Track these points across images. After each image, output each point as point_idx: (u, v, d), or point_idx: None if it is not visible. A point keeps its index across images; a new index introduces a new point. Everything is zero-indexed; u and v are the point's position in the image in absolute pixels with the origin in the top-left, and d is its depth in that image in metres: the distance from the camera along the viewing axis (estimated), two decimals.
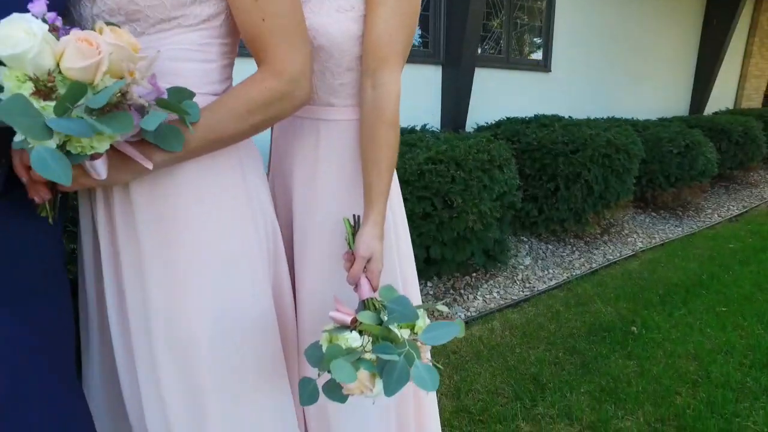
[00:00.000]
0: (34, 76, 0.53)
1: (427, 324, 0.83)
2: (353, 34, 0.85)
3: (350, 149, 0.92)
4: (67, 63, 0.53)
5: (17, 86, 0.52)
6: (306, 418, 1.09)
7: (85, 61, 0.53)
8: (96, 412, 0.90)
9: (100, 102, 0.53)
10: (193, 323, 0.81)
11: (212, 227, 0.80)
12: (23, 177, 0.65)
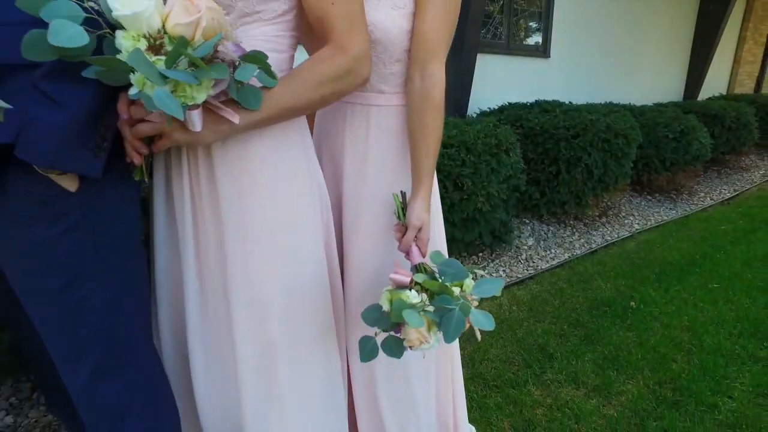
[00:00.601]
0: (147, 34, 0.62)
1: (473, 282, 0.96)
2: (404, 29, 0.95)
3: (397, 131, 1.03)
4: (174, 20, 0.63)
5: (133, 44, 0.61)
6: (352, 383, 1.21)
7: (189, 18, 0.63)
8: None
9: (203, 52, 0.62)
10: (265, 285, 0.92)
11: (282, 199, 0.90)
12: (126, 136, 0.75)
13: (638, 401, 1.61)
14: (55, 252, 0.75)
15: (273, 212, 0.90)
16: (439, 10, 0.92)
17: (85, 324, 0.80)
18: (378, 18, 0.93)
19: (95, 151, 0.72)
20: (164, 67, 0.60)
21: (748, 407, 1.59)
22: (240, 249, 0.90)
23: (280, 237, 0.92)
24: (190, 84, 0.62)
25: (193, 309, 0.96)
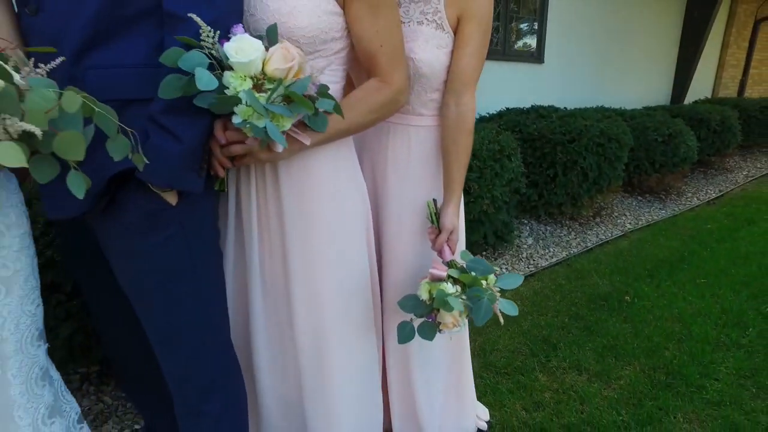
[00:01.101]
0: (252, 75, 0.77)
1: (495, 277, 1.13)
2: (445, 65, 1.12)
3: (434, 148, 1.20)
4: (273, 65, 0.78)
5: (240, 83, 0.76)
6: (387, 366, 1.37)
7: (286, 64, 0.79)
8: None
9: (301, 90, 0.78)
10: (320, 281, 1.08)
11: (336, 204, 1.06)
12: (217, 154, 0.90)
13: (635, 384, 1.79)
14: (158, 257, 0.90)
15: (328, 216, 1.06)
16: (473, 50, 1.10)
17: (180, 315, 0.95)
18: (425, 56, 1.09)
19: (199, 171, 0.87)
20: (265, 102, 0.75)
21: (731, 387, 1.78)
22: (300, 248, 1.06)
23: (334, 238, 1.08)
24: (284, 116, 0.78)
25: (257, 302, 1.12)
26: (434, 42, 1.11)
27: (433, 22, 1.11)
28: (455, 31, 1.13)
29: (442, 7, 1.11)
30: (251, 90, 0.74)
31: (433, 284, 1.13)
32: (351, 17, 0.95)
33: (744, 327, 2.19)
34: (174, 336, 0.95)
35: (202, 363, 1.00)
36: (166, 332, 0.95)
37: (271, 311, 1.13)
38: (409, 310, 1.15)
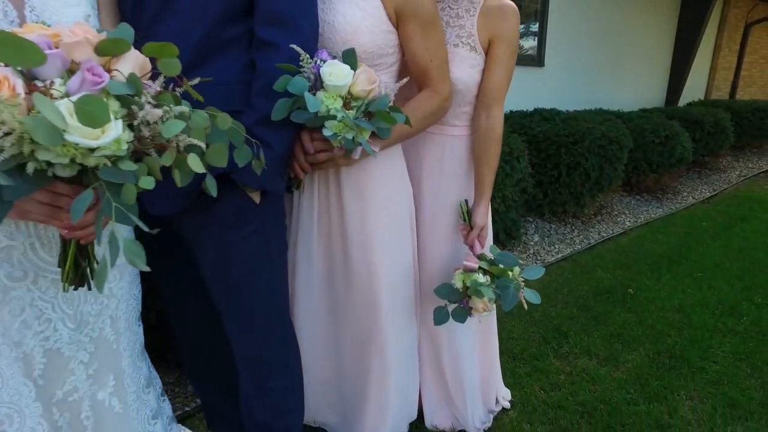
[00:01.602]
0: (342, 96, 0.93)
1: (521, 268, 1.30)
2: (477, 81, 1.27)
3: (465, 155, 1.35)
4: (359, 86, 0.93)
5: (332, 102, 0.91)
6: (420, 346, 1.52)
7: (370, 85, 0.94)
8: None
9: (383, 107, 0.93)
10: (376, 267, 1.23)
11: (389, 200, 1.22)
12: (301, 160, 1.04)
13: (641, 367, 1.96)
14: (244, 248, 1.05)
15: (383, 210, 1.22)
16: (503, 69, 1.26)
17: (257, 301, 1.10)
18: (461, 75, 1.25)
19: (283, 175, 1.02)
20: (353, 118, 0.91)
21: (728, 369, 1.95)
22: (358, 238, 1.21)
23: (387, 230, 1.23)
24: (366, 129, 0.93)
25: (319, 286, 1.27)
26: (468, 62, 1.27)
27: (467, 44, 1.27)
28: (486, 52, 1.28)
29: (474, 31, 1.27)
30: (342, 108, 0.89)
31: (466, 274, 1.29)
32: (405, 36, 1.10)
33: (739, 316, 2.37)
34: (250, 320, 1.10)
35: (271, 344, 1.15)
36: (244, 317, 1.10)
37: (327, 294, 1.29)
38: (444, 297, 1.31)
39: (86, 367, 0.94)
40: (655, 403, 1.74)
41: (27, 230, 0.80)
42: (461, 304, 1.31)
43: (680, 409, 1.71)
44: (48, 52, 0.55)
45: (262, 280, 1.09)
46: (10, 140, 0.52)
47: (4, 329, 0.80)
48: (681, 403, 1.75)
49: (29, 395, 0.84)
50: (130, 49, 0.63)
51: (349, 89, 0.92)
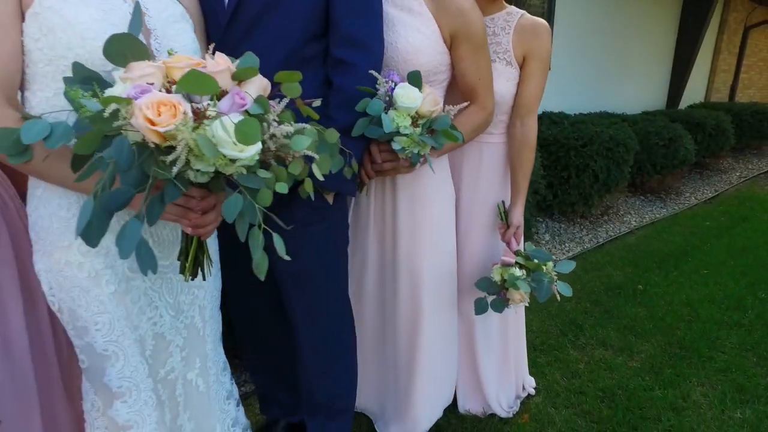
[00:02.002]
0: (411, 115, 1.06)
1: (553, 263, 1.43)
2: (512, 93, 1.41)
3: (501, 160, 1.49)
4: (426, 107, 1.06)
5: (402, 120, 1.04)
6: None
7: (436, 106, 1.07)
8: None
9: (445, 126, 1.06)
10: (422, 264, 1.36)
11: (437, 202, 1.35)
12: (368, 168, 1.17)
13: (654, 357, 2.09)
14: (318, 244, 1.18)
15: (430, 213, 1.35)
16: (536, 82, 1.40)
17: (326, 290, 1.23)
18: (498, 87, 1.38)
19: (355, 179, 1.15)
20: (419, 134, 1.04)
21: (736, 358, 2.08)
22: (407, 237, 1.34)
23: (433, 230, 1.37)
24: (429, 144, 1.06)
25: (371, 279, 1.41)
26: (504, 76, 1.40)
27: (504, 59, 1.40)
28: (521, 66, 1.42)
29: (510, 48, 1.40)
30: (410, 126, 1.02)
31: (504, 269, 1.43)
32: (457, 56, 1.23)
33: (744, 310, 2.51)
34: (318, 308, 1.23)
35: (335, 331, 1.28)
36: (312, 306, 1.23)
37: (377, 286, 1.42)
38: (483, 289, 1.45)
39: (180, 350, 1.07)
40: (669, 389, 1.88)
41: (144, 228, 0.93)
42: (499, 295, 1.45)
43: (692, 394, 1.85)
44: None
45: (329, 272, 1.22)
46: (183, 154, 0.65)
47: (128, 314, 0.93)
48: (693, 389, 1.88)
49: (144, 372, 0.97)
50: (257, 74, 0.75)
51: (416, 110, 1.05)
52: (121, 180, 0.66)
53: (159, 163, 0.66)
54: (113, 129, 0.65)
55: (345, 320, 1.31)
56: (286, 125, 0.74)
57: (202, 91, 0.65)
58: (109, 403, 0.96)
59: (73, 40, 0.78)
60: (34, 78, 0.81)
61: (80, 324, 0.90)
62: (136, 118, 0.64)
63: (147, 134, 0.64)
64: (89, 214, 0.64)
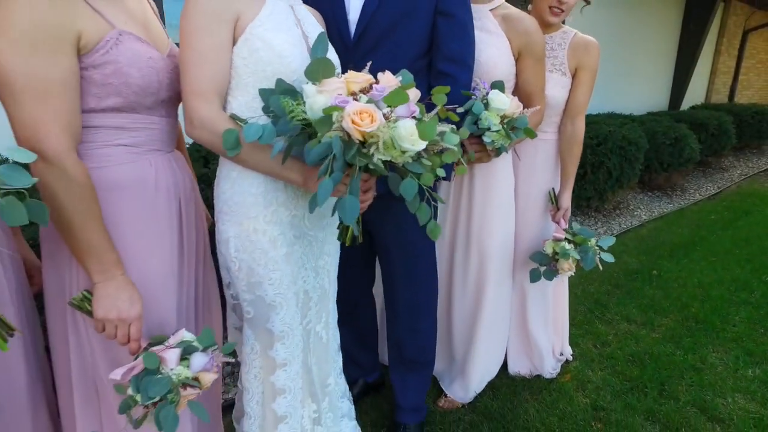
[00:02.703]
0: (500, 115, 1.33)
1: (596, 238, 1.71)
2: (564, 98, 1.69)
3: (553, 154, 1.77)
4: (511, 109, 1.34)
5: (494, 120, 1.32)
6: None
7: (519, 108, 1.35)
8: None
9: (524, 124, 1.34)
10: (489, 240, 1.64)
11: (503, 190, 1.63)
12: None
13: (674, 329, 2.38)
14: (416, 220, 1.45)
15: (499, 196, 1.64)
16: (586, 89, 1.68)
17: (420, 257, 1.50)
18: (554, 93, 1.66)
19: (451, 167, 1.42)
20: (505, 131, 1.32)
21: (745, 330, 2.37)
22: (479, 218, 1.62)
23: (500, 211, 1.65)
24: (512, 138, 1.34)
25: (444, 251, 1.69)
26: (560, 84, 1.69)
27: (559, 70, 1.69)
28: (573, 76, 1.70)
29: (564, 60, 1.68)
30: (500, 123, 1.30)
31: (556, 243, 1.71)
32: (521, 68, 1.52)
33: (750, 290, 2.80)
34: (415, 272, 1.51)
35: (426, 291, 1.56)
36: (411, 270, 1.50)
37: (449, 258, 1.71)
38: (537, 261, 1.73)
39: (315, 305, 1.34)
40: (688, 354, 2.16)
41: (300, 204, 1.20)
42: (550, 266, 1.73)
43: (709, 358, 2.13)
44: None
45: (426, 242, 1.50)
46: (381, 146, 0.92)
47: (291, 272, 1.20)
48: (709, 354, 2.17)
49: (297, 320, 1.24)
50: (414, 86, 1.02)
51: (505, 111, 1.33)
52: (335, 166, 0.93)
53: (361, 153, 0.93)
54: (329, 130, 0.92)
55: (434, 283, 1.58)
56: (442, 125, 1.02)
57: (397, 103, 0.92)
58: (270, 345, 1.23)
59: (273, 58, 1.05)
60: (237, 86, 1.08)
61: (255, 280, 1.17)
62: (346, 121, 0.91)
63: (353, 133, 0.92)
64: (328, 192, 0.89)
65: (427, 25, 1.31)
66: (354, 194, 0.93)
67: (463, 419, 1.77)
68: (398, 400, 1.67)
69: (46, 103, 0.84)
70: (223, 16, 1.02)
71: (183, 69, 1.02)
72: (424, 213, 1.00)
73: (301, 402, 1.33)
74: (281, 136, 1.00)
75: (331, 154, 0.91)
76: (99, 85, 0.91)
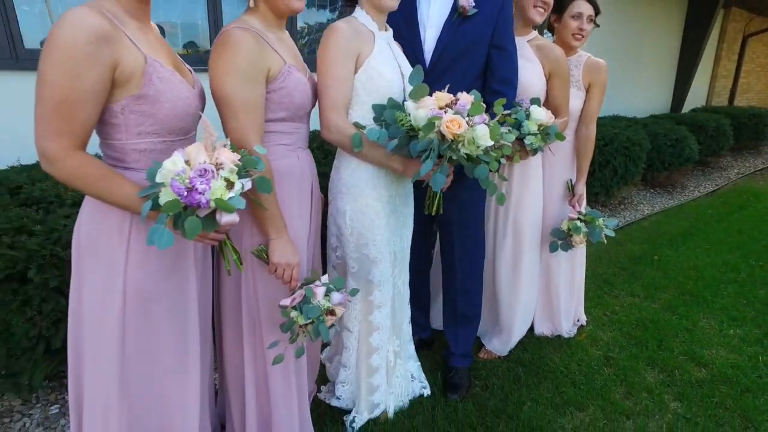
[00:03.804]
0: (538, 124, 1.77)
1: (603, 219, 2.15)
2: (579, 108, 2.14)
3: (571, 152, 2.21)
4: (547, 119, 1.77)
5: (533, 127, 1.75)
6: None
7: (551, 119, 1.78)
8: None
9: (555, 131, 1.78)
10: (523, 218, 2.08)
11: (535, 180, 2.08)
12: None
13: (671, 301, 2.81)
14: (475, 202, 1.89)
15: (532, 185, 2.08)
16: (597, 101, 2.13)
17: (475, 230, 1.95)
18: (572, 104, 2.10)
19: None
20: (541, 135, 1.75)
21: (731, 302, 2.81)
22: (515, 201, 2.06)
23: (532, 197, 2.09)
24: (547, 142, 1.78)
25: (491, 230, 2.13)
26: (576, 96, 2.12)
27: (575, 86, 2.12)
28: (586, 90, 2.13)
29: (580, 78, 2.12)
30: (537, 130, 1.73)
31: (570, 222, 2.15)
32: (551, 86, 1.96)
33: (738, 271, 3.23)
34: (472, 243, 1.95)
35: (479, 258, 2.00)
36: (469, 241, 1.94)
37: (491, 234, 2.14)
38: (555, 236, 2.17)
39: (399, 264, 1.77)
40: (682, 319, 2.59)
41: (395, 187, 1.64)
42: (566, 240, 2.16)
43: (699, 322, 2.57)
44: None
45: (479, 218, 1.94)
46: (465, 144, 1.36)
47: (387, 236, 1.63)
48: (699, 319, 2.60)
49: (389, 273, 1.68)
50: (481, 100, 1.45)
51: (542, 121, 1.76)
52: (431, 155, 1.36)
53: (451, 148, 1.37)
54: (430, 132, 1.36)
55: (483, 252, 2.02)
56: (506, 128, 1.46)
57: (475, 113, 1.36)
58: (369, 292, 1.67)
59: (382, 83, 1.49)
60: (356, 102, 1.51)
61: (362, 242, 1.61)
62: (442, 126, 1.35)
63: (447, 134, 1.35)
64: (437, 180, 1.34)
65: (483, 55, 1.74)
66: (443, 173, 1.37)
67: (501, 366, 2.20)
68: (451, 349, 2.11)
69: (249, 116, 1.28)
70: (349, 54, 1.46)
71: (322, 90, 1.46)
72: (493, 187, 1.44)
73: (388, 339, 1.77)
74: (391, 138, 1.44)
75: (430, 148, 1.35)
76: (275, 102, 1.35)
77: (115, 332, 1.13)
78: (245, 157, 1.02)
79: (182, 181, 0.89)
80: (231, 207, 0.94)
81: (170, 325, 1.21)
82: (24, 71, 3.01)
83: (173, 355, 1.23)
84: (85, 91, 0.96)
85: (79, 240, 1.13)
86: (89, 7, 0.98)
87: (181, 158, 0.94)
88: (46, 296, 1.80)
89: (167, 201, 0.89)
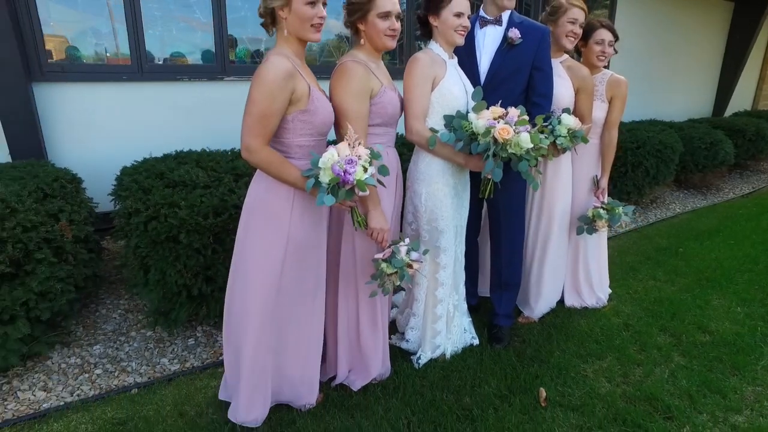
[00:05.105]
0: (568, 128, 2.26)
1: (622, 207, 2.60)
2: (603, 117, 2.61)
3: (596, 153, 2.68)
4: (574, 125, 2.26)
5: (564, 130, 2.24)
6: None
7: (578, 125, 2.27)
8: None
9: (581, 134, 2.26)
10: (554, 206, 2.57)
11: (565, 174, 2.56)
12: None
13: (688, 285, 3.20)
14: (519, 191, 2.40)
15: (562, 178, 2.56)
16: (618, 111, 2.59)
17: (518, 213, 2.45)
18: (597, 114, 2.57)
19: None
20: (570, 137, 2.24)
21: (744, 287, 3.17)
22: (549, 193, 2.55)
23: (562, 188, 2.58)
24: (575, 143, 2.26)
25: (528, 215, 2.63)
26: (599, 108, 2.59)
27: (599, 99, 2.59)
28: (609, 102, 2.59)
29: (604, 92, 2.59)
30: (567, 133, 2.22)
31: (595, 210, 2.61)
32: (578, 99, 2.45)
33: (756, 263, 3.56)
34: (515, 223, 2.45)
35: (519, 235, 2.50)
36: (513, 220, 2.45)
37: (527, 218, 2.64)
38: (582, 221, 2.64)
39: (459, 236, 2.30)
40: (697, 299, 2.99)
41: (458, 177, 2.17)
42: (591, 225, 2.63)
43: (712, 302, 2.96)
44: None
45: (521, 202, 2.45)
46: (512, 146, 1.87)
47: (452, 213, 2.16)
48: (712, 300, 2.99)
49: (452, 242, 2.21)
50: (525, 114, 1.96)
51: (571, 126, 2.25)
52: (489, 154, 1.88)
53: (502, 149, 1.88)
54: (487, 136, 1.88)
55: (523, 230, 2.53)
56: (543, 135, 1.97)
57: (521, 124, 1.87)
58: (437, 255, 2.21)
59: (452, 100, 2.02)
60: (432, 113, 2.05)
61: (433, 216, 2.15)
62: (496, 133, 1.87)
63: (499, 139, 1.87)
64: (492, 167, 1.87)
65: (526, 76, 2.25)
66: (499, 167, 1.89)
67: (536, 327, 2.68)
68: (496, 310, 2.61)
69: (360, 123, 1.84)
70: (428, 78, 2.00)
71: (407, 103, 2.02)
72: (531, 179, 1.94)
73: (449, 294, 2.30)
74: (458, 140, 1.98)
75: (488, 149, 1.88)
76: (374, 113, 1.90)
77: (276, 267, 1.72)
78: (372, 152, 1.58)
79: (341, 166, 1.46)
80: (365, 185, 1.50)
81: (311, 265, 1.79)
82: (147, 82, 3.74)
83: (310, 286, 1.81)
84: (277, 108, 1.54)
85: (253, 205, 1.72)
86: (280, 54, 1.56)
87: (335, 152, 1.50)
88: (189, 254, 2.43)
89: (331, 178, 1.46)
